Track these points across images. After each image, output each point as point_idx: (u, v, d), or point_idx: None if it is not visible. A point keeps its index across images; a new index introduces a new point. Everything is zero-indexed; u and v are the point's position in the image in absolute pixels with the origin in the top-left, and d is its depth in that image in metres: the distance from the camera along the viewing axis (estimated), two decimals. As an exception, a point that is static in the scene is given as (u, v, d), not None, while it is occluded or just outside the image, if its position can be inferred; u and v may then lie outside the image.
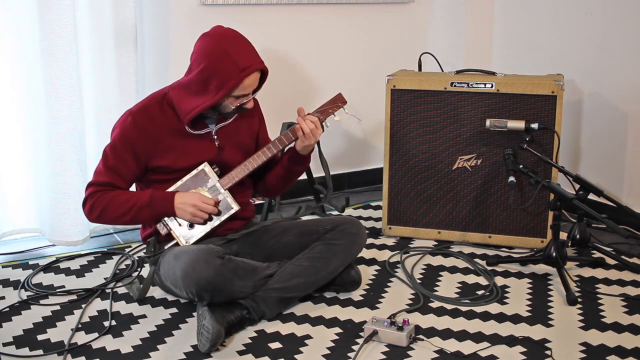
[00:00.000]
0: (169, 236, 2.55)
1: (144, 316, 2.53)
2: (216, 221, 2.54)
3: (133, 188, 2.63)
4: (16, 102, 3.07)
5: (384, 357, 2.26)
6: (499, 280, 2.83)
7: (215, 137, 2.58)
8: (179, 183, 2.53)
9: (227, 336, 2.35)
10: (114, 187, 2.51)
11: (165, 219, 2.53)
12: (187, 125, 2.51)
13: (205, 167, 2.53)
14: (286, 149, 2.67)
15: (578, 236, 3.04)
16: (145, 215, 2.50)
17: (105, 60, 3.14)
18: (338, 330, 2.44)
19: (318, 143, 2.66)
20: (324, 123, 2.62)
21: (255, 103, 2.73)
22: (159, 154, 2.52)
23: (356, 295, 2.69)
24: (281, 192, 2.82)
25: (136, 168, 2.53)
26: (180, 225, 2.53)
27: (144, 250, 2.66)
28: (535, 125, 2.98)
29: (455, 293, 2.73)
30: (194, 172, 2.54)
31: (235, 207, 2.55)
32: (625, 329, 2.44)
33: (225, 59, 2.40)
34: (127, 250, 3.13)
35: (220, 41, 2.43)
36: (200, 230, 2.53)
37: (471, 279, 2.86)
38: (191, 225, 2.54)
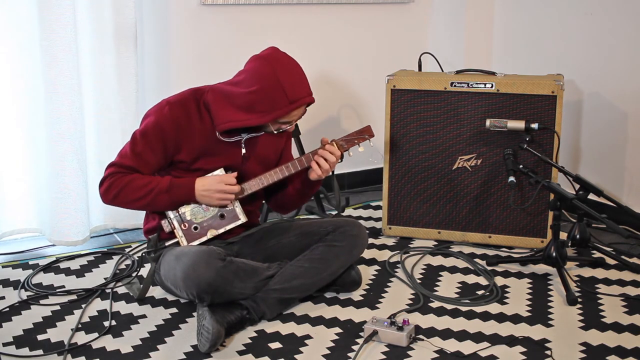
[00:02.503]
0: (171, 234, 2.55)
1: (144, 316, 2.53)
2: (221, 229, 2.54)
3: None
4: (16, 102, 3.07)
5: (384, 357, 2.26)
6: (499, 280, 2.83)
7: (243, 145, 2.58)
8: (198, 179, 2.53)
9: (227, 336, 2.36)
10: (136, 172, 2.49)
11: (171, 217, 2.52)
12: (219, 132, 2.50)
13: (220, 172, 2.53)
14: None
15: (578, 236, 3.04)
16: (163, 201, 2.48)
17: (105, 60, 3.14)
18: (338, 330, 2.44)
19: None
20: (346, 152, 2.63)
21: None
22: (186, 150, 2.51)
23: (356, 295, 2.70)
24: (293, 209, 2.83)
25: (162, 158, 2.51)
26: (184, 226, 2.53)
27: (145, 248, 2.65)
28: (535, 125, 2.98)
29: (455, 293, 2.73)
30: (209, 175, 2.53)
31: (242, 219, 2.55)
32: (625, 329, 2.44)
33: (277, 88, 2.39)
34: (127, 250, 3.13)
35: (275, 68, 2.41)
36: (203, 235, 2.53)
37: (471, 279, 2.86)
38: (195, 228, 2.53)
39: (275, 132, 2.51)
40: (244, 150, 2.57)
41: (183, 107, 2.51)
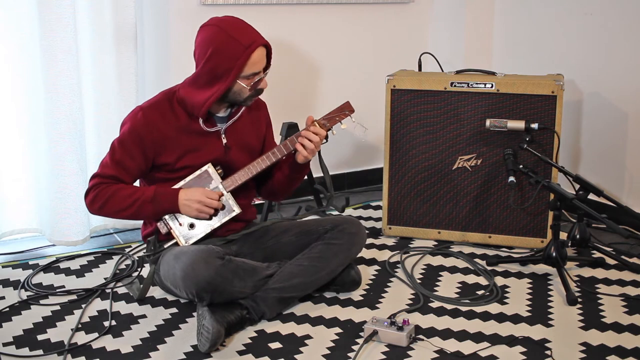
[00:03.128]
0: (169, 235, 2.55)
1: (144, 316, 2.53)
2: (217, 223, 2.54)
3: (136, 184, 2.63)
4: (16, 101, 3.07)
5: (384, 357, 2.26)
6: (499, 280, 2.83)
7: (224, 135, 2.58)
8: (181, 183, 2.53)
9: (227, 336, 2.36)
10: (119, 181, 2.51)
11: (166, 217, 2.53)
12: (202, 118, 2.51)
13: (208, 168, 2.54)
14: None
15: (578, 236, 3.04)
16: (148, 211, 2.50)
17: (105, 60, 3.14)
18: (338, 330, 2.44)
19: (319, 151, 2.68)
20: (329, 131, 2.62)
21: (264, 106, 2.75)
22: (167, 151, 2.52)
23: (356, 295, 2.69)
24: (284, 196, 2.82)
25: (142, 164, 2.53)
26: (180, 224, 2.53)
27: (144, 250, 2.66)
28: (535, 125, 2.98)
29: (455, 293, 2.73)
30: (197, 172, 2.54)
31: (236, 210, 2.55)
32: (625, 329, 2.44)
33: (228, 41, 2.42)
34: (127, 250, 3.13)
35: (220, 26, 2.45)
36: (201, 231, 2.53)
37: (471, 279, 2.86)
38: (191, 226, 2.54)
39: (252, 91, 2.50)
40: (224, 140, 2.58)
41: (157, 110, 2.52)
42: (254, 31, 2.49)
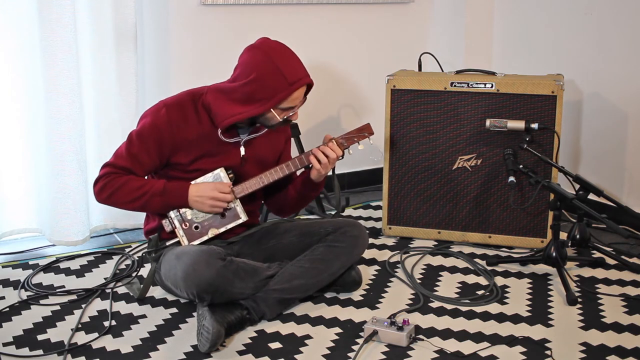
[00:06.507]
0: (172, 233, 2.55)
1: (144, 316, 2.53)
2: (222, 228, 2.54)
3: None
4: (16, 102, 3.07)
5: (384, 357, 2.26)
6: (499, 280, 2.83)
7: (242, 147, 2.58)
8: (192, 184, 2.53)
9: (227, 336, 2.36)
10: (130, 173, 2.50)
11: (172, 216, 2.52)
12: (222, 130, 2.50)
13: (221, 171, 2.53)
14: (299, 172, 2.66)
15: (578, 236, 3.04)
16: (156, 204, 2.49)
17: (105, 60, 3.14)
18: (338, 330, 2.44)
19: (333, 168, 2.68)
20: (346, 150, 2.63)
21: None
22: (184, 152, 2.51)
23: (356, 295, 2.69)
24: (292, 213, 2.82)
25: (157, 160, 2.52)
26: (186, 225, 2.53)
27: (145, 248, 2.65)
28: (535, 125, 2.98)
29: (455, 293, 2.73)
30: (209, 175, 2.53)
31: (243, 218, 2.55)
32: (625, 329, 2.44)
33: (274, 72, 2.41)
34: (127, 250, 3.13)
35: (269, 54, 2.43)
36: (204, 234, 2.53)
37: (471, 279, 2.86)
38: (196, 227, 2.53)
39: (281, 120, 2.50)
40: (243, 152, 2.57)
41: (180, 109, 2.51)
42: (301, 67, 2.48)
